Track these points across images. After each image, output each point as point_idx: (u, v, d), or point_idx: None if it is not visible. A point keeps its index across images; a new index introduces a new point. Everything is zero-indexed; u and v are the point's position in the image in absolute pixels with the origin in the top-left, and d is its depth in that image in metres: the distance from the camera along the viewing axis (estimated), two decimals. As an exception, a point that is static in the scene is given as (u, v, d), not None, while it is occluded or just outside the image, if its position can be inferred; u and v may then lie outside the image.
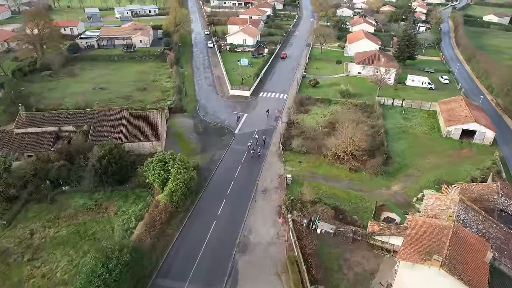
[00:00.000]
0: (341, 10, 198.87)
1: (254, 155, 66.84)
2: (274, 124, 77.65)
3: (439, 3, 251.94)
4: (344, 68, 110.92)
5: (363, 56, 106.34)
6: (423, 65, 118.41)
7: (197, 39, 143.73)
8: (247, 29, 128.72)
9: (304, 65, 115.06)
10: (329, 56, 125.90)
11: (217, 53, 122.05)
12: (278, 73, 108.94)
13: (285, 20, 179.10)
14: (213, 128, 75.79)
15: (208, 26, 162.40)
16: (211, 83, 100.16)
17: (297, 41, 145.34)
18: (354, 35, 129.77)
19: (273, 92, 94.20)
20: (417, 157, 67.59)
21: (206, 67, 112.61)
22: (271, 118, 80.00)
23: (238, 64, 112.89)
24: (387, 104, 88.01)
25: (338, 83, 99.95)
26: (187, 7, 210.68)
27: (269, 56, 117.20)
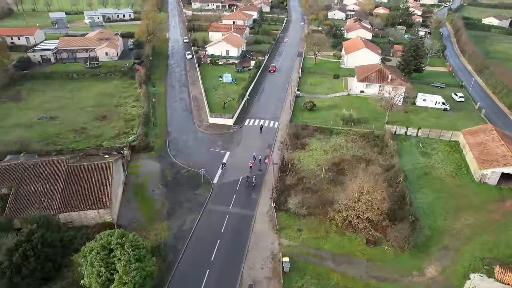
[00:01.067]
0: (332, 13, 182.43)
1: (249, 184, 56.04)
2: (264, 168, 60.57)
3: (433, 4, 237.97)
4: (344, 85, 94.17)
5: (365, 71, 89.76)
6: (431, 79, 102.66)
7: (174, 49, 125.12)
8: (230, 38, 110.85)
9: (296, 80, 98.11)
10: (324, 68, 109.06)
11: (196, 67, 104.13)
12: (267, 92, 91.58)
13: (273, 25, 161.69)
14: (186, 176, 58.03)
15: (188, 32, 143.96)
16: (187, 107, 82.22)
17: (287, 50, 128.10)
18: (351, 44, 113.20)
19: (261, 119, 76.86)
20: (450, 216, 51.25)
21: (182, 85, 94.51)
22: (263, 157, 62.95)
23: (220, 81, 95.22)
24: (400, 134, 71.66)
25: (338, 105, 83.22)
26: (166, 10, 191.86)
27: (256, 70, 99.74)
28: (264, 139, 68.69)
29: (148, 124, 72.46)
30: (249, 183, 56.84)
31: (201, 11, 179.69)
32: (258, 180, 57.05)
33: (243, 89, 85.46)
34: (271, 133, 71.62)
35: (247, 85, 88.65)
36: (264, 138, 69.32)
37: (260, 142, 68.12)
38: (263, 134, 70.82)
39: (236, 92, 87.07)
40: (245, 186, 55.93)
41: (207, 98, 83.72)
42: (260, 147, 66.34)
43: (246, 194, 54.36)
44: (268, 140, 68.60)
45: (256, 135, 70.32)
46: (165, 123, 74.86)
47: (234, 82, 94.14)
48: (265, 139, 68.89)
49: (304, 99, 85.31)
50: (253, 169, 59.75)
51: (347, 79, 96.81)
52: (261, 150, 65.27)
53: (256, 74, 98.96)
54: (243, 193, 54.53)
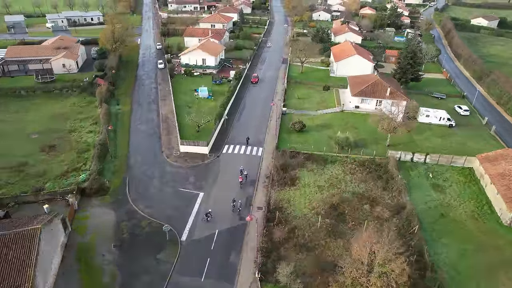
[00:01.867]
0: (317, 14, 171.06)
1: (234, 209, 48.98)
2: (246, 213, 48.24)
3: (418, 4, 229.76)
4: (335, 98, 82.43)
5: (360, 83, 78.32)
6: (429, 88, 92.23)
7: (145, 56, 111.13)
8: (206, 45, 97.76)
9: (282, 93, 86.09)
10: (312, 77, 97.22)
11: (169, 79, 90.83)
12: (249, 108, 79.10)
13: (254, 27, 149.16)
14: (146, 232, 45.08)
15: (162, 37, 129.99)
16: (154, 131, 69.02)
17: (271, 56, 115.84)
18: (341, 50, 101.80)
19: (242, 145, 64.46)
20: (484, 280, 40.23)
21: (151, 101, 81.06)
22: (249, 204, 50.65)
23: (195, 96, 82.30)
24: (405, 160, 60.57)
25: (331, 124, 71.55)
26: (140, 12, 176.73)
27: (236, 82, 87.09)
28: (245, 182, 56.20)
29: (105, 157, 59.04)
30: (234, 209, 48.88)
31: (178, 13, 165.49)
32: (237, 239, 44.82)
33: (221, 107, 72.76)
34: (253, 163, 59.34)
35: (225, 101, 75.93)
36: (245, 168, 56.99)
37: (237, 194, 55.51)
38: (245, 160, 58.62)
39: (213, 109, 74.53)
40: (221, 244, 43.50)
41: (179, 119, 70.80)
42: (240, 192, 54.04)
43: (223, 256, 41.89)
44: (250, 172, 56.28)
45: (236, 168, 57.72)
46: (126, 153, 61.48)
47: (211, 97, 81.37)
48: (246, 173, 56.51)
49: (291, 117, 73.41)
50: (244, 187, 51.57)
51: (338, 92, 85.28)
52: (243, 190, 53.06)
53: (237, 87, 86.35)
54: (219, 255, 42.03)
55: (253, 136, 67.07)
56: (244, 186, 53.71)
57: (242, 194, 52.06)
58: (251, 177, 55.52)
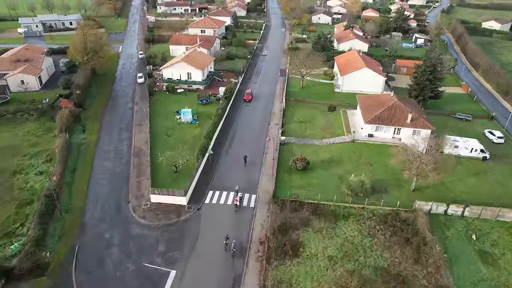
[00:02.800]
0: (317, 17, 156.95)
1: (227, 249, 40.63)
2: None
3: (422, 5, 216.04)
4: (343, 122, 68.42)
5: (372, 105, 64.48)
6: (449, 106, 78.57)
7: (125, 68, 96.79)
8: (192, 57, 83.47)
9: (280, 114, 72.26)
10: (314, 93, 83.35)
11: (147, 97, 76.80)
12: (240, 137, 64.90)
13: (249, 32, 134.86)
14: None
15: (146, 45, 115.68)
16: (122, 171, 54.77)
17: (267, 66, 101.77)
18: (346, 61, 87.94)
19: (230, 191, 50.61)
20: None
21: (124, 128, 66.87)
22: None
23: (176, 120, 68.30)
24: (437, 213, 47.04)
25: (340, 158, 57.67)
26: (127, 15, 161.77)
27: (226, 102, 73.02)
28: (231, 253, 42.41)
29: (52, 214, 45.06)
30: (227, 248, 40.57)
31: (166, 16, 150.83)
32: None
33: (206, 137, 58.75)
34: (244, 221, 45.55)
35: (212, 129, 61.93)
36: (232, 233, 43.17)
37: (228, 245, 41.94)
38: (233, 220, 44.89)
39: (197, 138, 60.76)
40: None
41: (153, 155, 56.78)
42: (227, 257, 40.27)
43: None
44: (239, 239, 42.41)
45: (221, 226, 44.03)
46: (82, 205, 47.59)
47: (196, 122, 67.40)
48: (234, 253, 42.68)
49: (291, 149, 59.67)
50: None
51: (346, 113, 71.42)
52: (229, 263, 39.34)
53: (226, 108, 72.35)
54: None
55: (244, 178, 53.17)
56: (231, 258, 40.03)
57: (229, 273, 38.37)
58: (240, 243, 41.78)
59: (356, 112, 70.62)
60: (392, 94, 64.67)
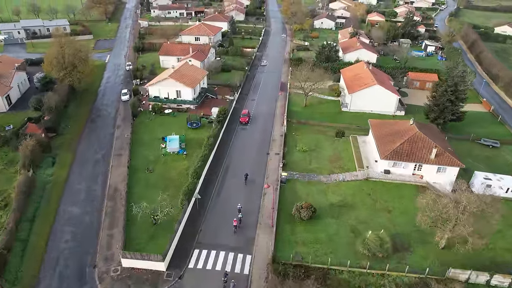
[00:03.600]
0: (319, 21, 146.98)
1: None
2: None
3: (428, 8, 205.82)
4: (354, 152, 58.71)
5: (388, 134, 54.69)
6: (472, 129, 69.02)
7: (110, 82, 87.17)
8: (182, 72, 73.78)
9: (280, 141, 62.74)
10: (318, 114, 73.49)
11: (131, 119, 67.34)
12: (234, 172, 54.75)
13: (247, 39, 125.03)
14: None
15: (135, 54, 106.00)
16: (92, 220, 45.12)
17: (267, 79, 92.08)
18: (355, 76, 78.27)
19: (220, 250, 41.16)
20: None
21: (100, 160, 57.25)
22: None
23: (161, 149, 58.78)
24: (477, 283, 37.66)
25: (352, 203, 48.01)
26: (119, 19, 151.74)
27: (218, 127, 63.36)
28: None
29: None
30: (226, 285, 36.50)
31: (160, 21, 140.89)
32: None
33: (193, 176, 49.29)
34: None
35: (201, 164, 52.35)
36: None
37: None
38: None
39: (183, 174, 51.47)
40: None
41: (131, 194, 47.48)
42: None
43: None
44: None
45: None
46: (36, 272, 38.16)
47: (183, 152, 57.95)
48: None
49: (294, 189, 50.24)
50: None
51: (357, 140, 61.79)
52: None
53: (219, 134, 62.81)
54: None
55: (238, 231, 43.81)
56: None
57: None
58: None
59: (368, 139, 61.07)
60: (412, 121, 55.02)
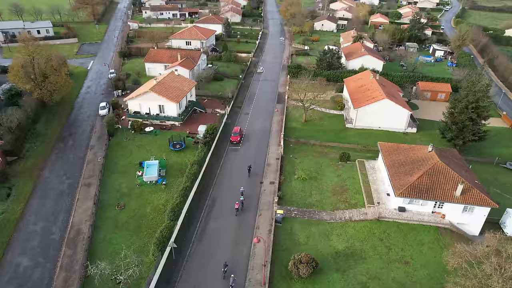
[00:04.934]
0: (320, 23, 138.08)
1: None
2: None
3: (433, 8, 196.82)
4: (361, 183, 49.67)
5: (404, 166, 45.39)
6: (492, 148, 60.45)
7: (90, 92, 78.25)
8: (166, 84, 64.84)
9: (276, 164, 54.04)
10: (319, 131, 64.66)
11: (106, 139, 58.57)
12: (221, 206, 45.92)
13: (243, 43, 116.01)
14: None
15: (121, 59, 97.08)
16: (41, 275, 36.61)
17: (262, 89, 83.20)
18: (360, 88, 69.43)
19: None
20: None
21: (65, 191, 47.86)
22: None
23: (137, 177, 49.90)
24: None
25: (361, 251, 39.02)
26: (108, 20, 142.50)
27: (205, 149, 54.57)
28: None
29: None
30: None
31: (151, 23, 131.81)
32: None
33: (170, 216, 40.56)
34: None
35: (182, 195, 43.75)
36: None
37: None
38: None
39: (160, 211, 42.83)
40: None
41: (96, 239, 38.73)
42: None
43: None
44: None
45: None
46: None
47: (162, 181, 49.22)
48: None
49: (291, 230, 41.58)
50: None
51: (365, 166, 53.01)
52: None
53: (206, 157, 54.06)
54: None
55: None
56: None
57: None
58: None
59: (377, 165, 52.35)
60: (431, 148, 46.23)
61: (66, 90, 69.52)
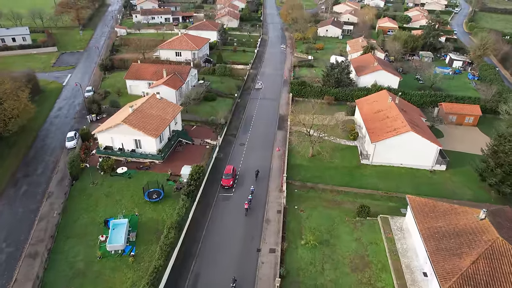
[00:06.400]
0: (324, 29, 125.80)
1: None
2: None
3: (441, 11, 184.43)
4: (388, 253, 37.93)
5: (449, 243, 33.29)
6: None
7: (60, 115, 66.36)
8: (144, 113, 52.98)
9: (278, 220, 42.53)
10: (329, 169, 52.43)
11: (69, 183, 47.04)
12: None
13: (240, 52, 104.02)
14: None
15: (102, 73, 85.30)
16: None
17: (261, 110, 71.22)
18: (377, 116, 57.49)
19: None
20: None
21: (2, 265, 37.39)
22: None
23: (98, 244, 38.30)
24: None
25: None
26: (96, 25, 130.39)
27: (188, 203, 42.82)
28: None
29: None
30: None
31: (140, 29, 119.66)
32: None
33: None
34: None
35: (153, 277, 32.40)
36: None
37: None
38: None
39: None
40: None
41: None
42: None
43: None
44: None
45: None
46: None
47: (131, 250, 37.65)
48: None
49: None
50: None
51: (390, 225, 41.46)
52: None
53: (190, 212, 42.49)
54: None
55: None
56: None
57: None
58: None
59: (406, 224, 40.73)
60: (484, 215, 34.56)
61: (26, 116, 57.85)
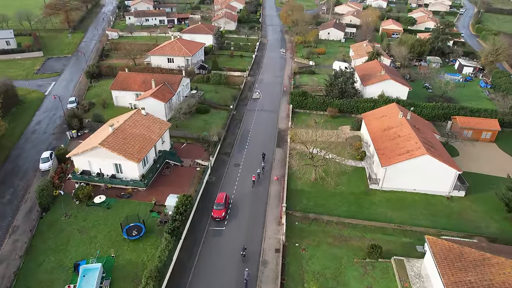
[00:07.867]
0: (326, 32, 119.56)
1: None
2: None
3: (446, 11, 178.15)
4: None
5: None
6: None
7: (38, 130, 60.15)
8: (126, 133, 46.93)
9: (276, 262, 36.69)
10: (333, 196, 46.72)
11: (37, 216, 41.12)
12: None
13: (238, 56, 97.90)
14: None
15: (89, 80, 79.31)
16: None
17: (259, 123, 65.09)
18: (387, 135, 51.55)
19: None
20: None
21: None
22: None
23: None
24: None
25: None
26: (87, 27, 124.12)
27: (172, 242, 37.08)
28: None
29: None
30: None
31: (132, 32, 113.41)
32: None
33: None
34: None
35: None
36: None
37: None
38: None
39: None
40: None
41: None
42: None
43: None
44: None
45: None
46: None
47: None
48: None
49: None
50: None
51: (406, 270, 35.62)
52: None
53: (175, 251, 36.55)
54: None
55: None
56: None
57: None
58: None
59: (425, 270, 34.85)
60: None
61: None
